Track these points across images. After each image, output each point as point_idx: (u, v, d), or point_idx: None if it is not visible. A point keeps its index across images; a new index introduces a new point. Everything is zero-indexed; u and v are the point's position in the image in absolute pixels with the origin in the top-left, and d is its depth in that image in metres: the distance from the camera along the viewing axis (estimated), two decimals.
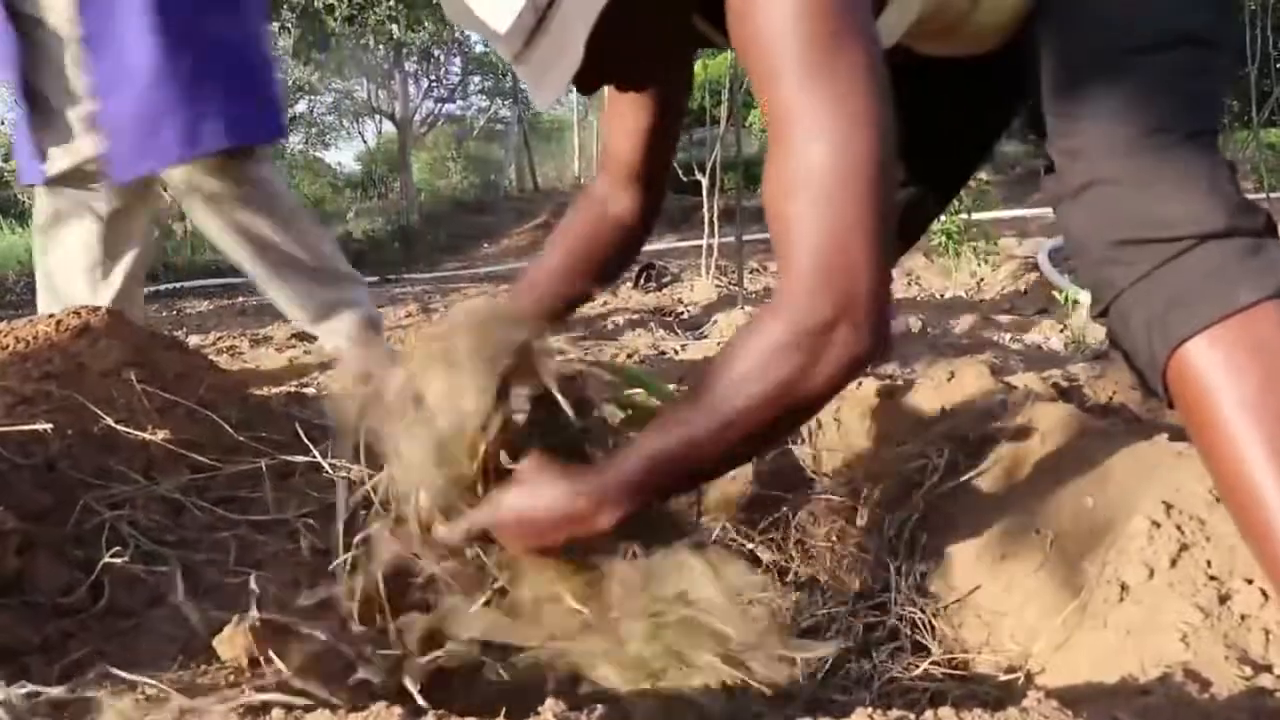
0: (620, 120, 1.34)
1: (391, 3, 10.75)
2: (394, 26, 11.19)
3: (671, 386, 1.35)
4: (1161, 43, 1.05)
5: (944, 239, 4.86)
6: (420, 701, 0.86)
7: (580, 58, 0.93)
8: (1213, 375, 0.95)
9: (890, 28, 1.16)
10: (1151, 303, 0.99)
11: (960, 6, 1.21)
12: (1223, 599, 0.98)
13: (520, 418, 1.01)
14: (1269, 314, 0.94)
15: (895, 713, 0.73)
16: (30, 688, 0.84)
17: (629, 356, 2.91)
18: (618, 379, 1.18)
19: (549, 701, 0.75)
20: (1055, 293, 4.01)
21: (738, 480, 1.60)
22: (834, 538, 1.47)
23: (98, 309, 1.69)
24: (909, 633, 1.28)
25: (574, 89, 1.07)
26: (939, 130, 1.41)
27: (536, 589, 1.00)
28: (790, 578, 1.41)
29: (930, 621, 1.30)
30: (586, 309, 4.64)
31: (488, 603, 1.00)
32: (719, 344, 3.36)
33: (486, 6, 1.00)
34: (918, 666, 1.18)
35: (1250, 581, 0.99)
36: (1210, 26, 1.07)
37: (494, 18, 1.00)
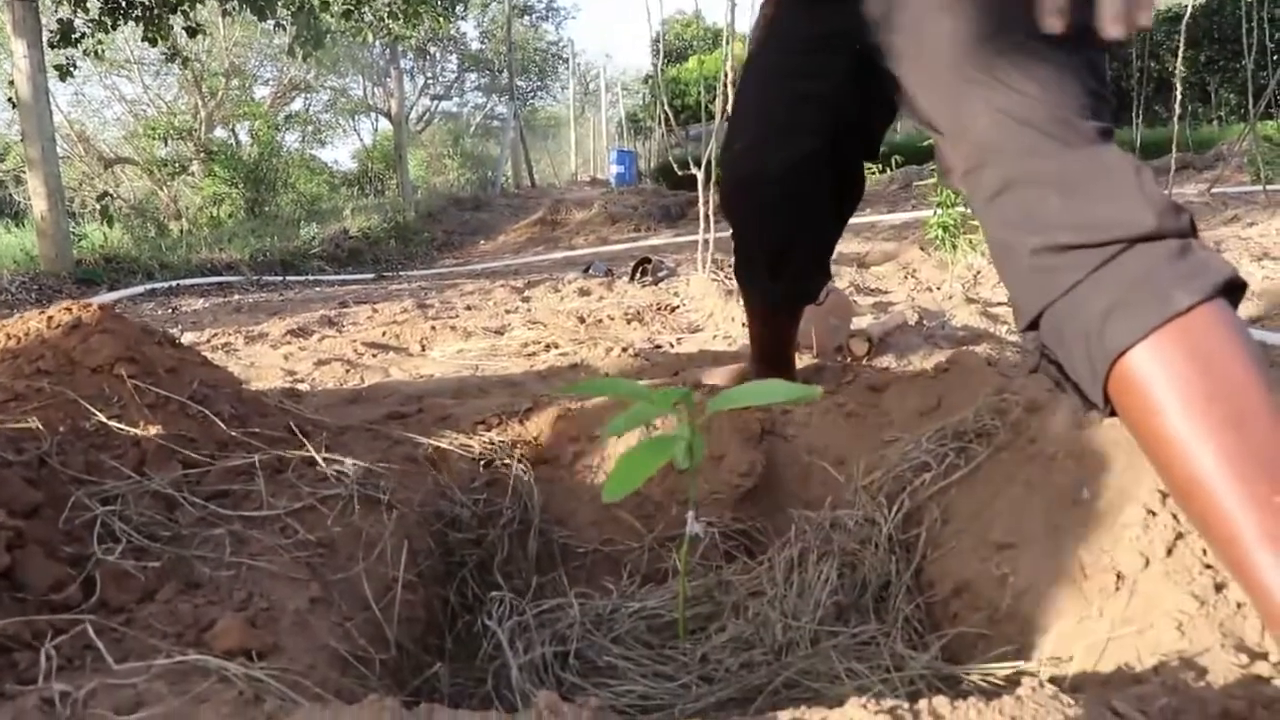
0: None
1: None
2: (393, 24, 11.13)
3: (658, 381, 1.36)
4: (1071, 36, 0.98)
5: (940, 232, 4.84)
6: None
7: None
8: (1156, 385, 0.92)
9: None
10: (1087, 312, 0.96)
11: None
12: (1218, 587, 0.98)
13: None
14: (1205, 317, 0.91)
15: (889, 702, 0.73)
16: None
17: (624, 350, 2.91)
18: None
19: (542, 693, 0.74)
20: None
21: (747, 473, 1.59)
22: (829, 529, 1.47)
23: (89, 305, 1.68)
24: (905, 623, 1.28)
25: None
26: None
27: None
28: (785, 570, 1.40)
29: (926, 612, 1.30)
30: (583, 305, 4.64)
31: None
32: (714, 338, 3.35)
33: None
34: (914, 657, 1.18)
35: None
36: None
37: None
